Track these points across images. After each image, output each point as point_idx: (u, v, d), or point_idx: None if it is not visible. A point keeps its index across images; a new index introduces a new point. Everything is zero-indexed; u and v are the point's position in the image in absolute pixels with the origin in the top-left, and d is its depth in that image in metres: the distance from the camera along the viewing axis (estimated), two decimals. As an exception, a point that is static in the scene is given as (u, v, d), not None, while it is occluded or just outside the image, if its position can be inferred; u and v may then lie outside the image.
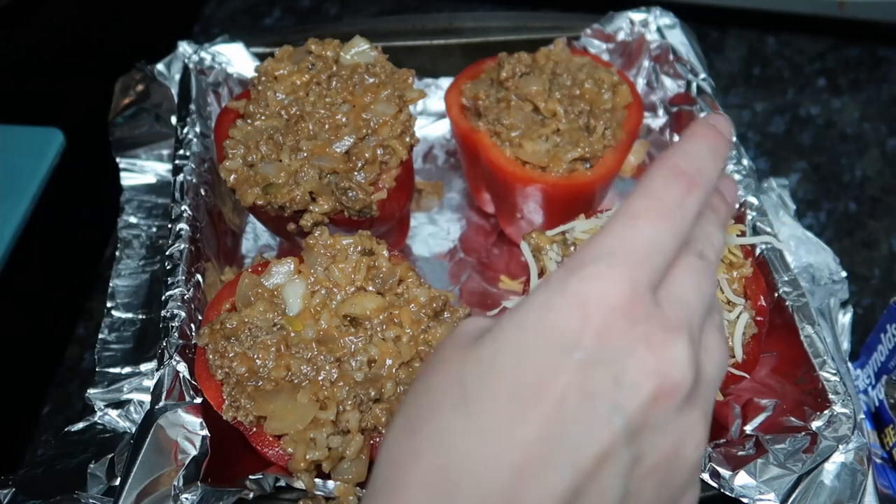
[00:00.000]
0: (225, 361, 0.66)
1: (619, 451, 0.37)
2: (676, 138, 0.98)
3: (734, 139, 0.90)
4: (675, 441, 0.39)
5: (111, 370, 0.80)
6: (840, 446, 0.65)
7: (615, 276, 0.38)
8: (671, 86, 0.99)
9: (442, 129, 1.07)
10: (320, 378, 0.65)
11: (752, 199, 0.84)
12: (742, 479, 0.64)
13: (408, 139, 0.81)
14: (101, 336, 0.83)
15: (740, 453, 0.66)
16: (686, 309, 0.40)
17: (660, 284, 0.41)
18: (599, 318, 0.37)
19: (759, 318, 0.71)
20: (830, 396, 0.68)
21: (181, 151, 0.88)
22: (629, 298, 0.38)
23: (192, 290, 0.76)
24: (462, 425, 0.36)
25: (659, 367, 0.38)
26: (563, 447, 0.36)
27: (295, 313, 0.69)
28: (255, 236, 0.98)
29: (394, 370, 0.67)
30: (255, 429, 0.65)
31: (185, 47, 1.00)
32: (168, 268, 0.77)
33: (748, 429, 0.72)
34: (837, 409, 0.67)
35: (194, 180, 0.85)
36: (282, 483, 0.65)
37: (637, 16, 1.02)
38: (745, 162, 0.89)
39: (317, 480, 0.64)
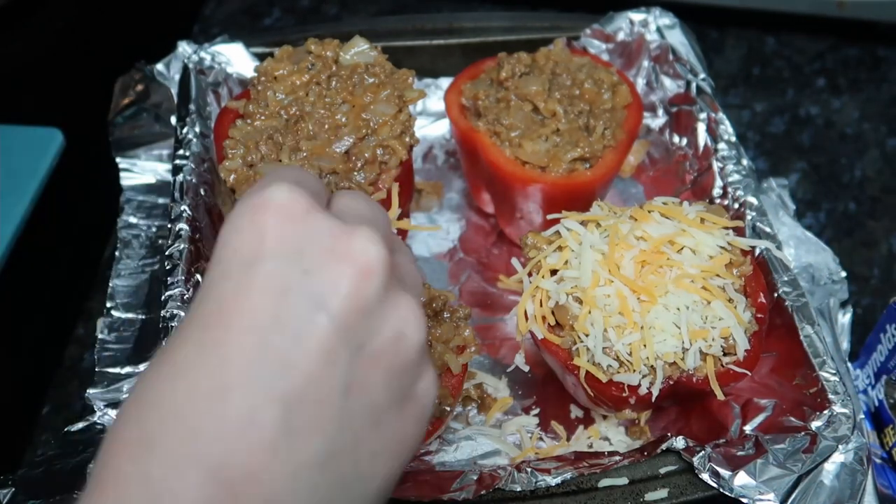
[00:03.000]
0: None
1: (332, 344, 0.37)
2: (676, 138, 0.98)
3: (734, 138, 0.90)
4: (393, 326, 0.40)
5: (111, 370, 0.79)
6: (840, 446, 0.65)
7: (285, 193, 0.40)
8: (671, 86, 0.99)
9: (442, 129, 1.07)
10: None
11: (752, 199, 0.84)
12: (742, 479, 0.64)
13: (407, 139, 0.81)
14: (100, 336, 0.83)
15: (740, 453, 0.66)
16: (360, 215, 0.43)
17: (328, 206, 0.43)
18: (273, 226, 0.39)
19: (759, 316, 0.71)
20: (830, 396, 0.68)
21: (181, 151, 0.88)
22: (301, 207, 0.39)
23: (191, 290, 0.76)
24: (166, 373, 0.38)
25: (348, 254, 0.39)
26: (273, 360, 0.37)
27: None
28: (255, 236, 0.98)
29: None
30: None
31: (184, 47, 1.00)
32: (168, 268, 0.77)
33: (748, 429, 0.72)
34: (837, 409, 0.67)
35: (194, 180, 0.85)
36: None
37: (637, 16, 1.02)
38: (745, 162, 0.89)
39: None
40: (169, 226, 0.81)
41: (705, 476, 0.65)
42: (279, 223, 0.39)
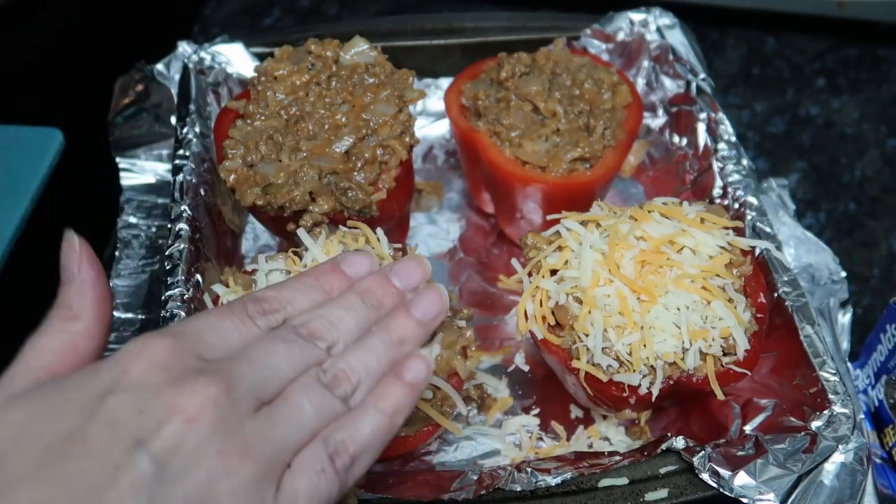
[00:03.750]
0: None
1: (141, 482, 0.41)
2: (676, 138, 0.98)
3: (734, 138, 0.90)
4: (207, 476, 0.42)
5: (111, 370, 0.79)
6: (840, 446, 0.65)
7: (159, 341, 0.45)
8: (671, 86, 0.99)
9: (442, 129, 1.07)
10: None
11: (752, 200, 0.84)
12: (742, 479, 0.64)
13: (407, 139, 0.81)
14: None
15: (740, 453, 0.66)
16: (221, 365, 0.46)
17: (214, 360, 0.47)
18: (137, 369, 0.44)
19: (759, 316, 0.71)
20: (830, 396, 0.68)
21: (181, 151, 0.88)
22: (169, 356, 0.45)
23: (191, 290, 0.76)
24: None
25: (179, 400, 0.43)
26: (84, 486, 0.40)
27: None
28: (255, 236, 0.98)
29: None
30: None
31: (184, 47, 1.00)
32: (168, 268, 0.77)
33: (748, 429, 0.72)
34: (837, 409, 0.67)
35: (194, 180, 0.85)
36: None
37: (637, 16, 1.02)
38: (745, 162, 0.89)
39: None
40: (169, 226, 0.81)
41: (705, 476, 0.65)
42: (143, 369, 0.44)
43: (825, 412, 0.67)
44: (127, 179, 0.99)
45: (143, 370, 0.44)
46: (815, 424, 0.67)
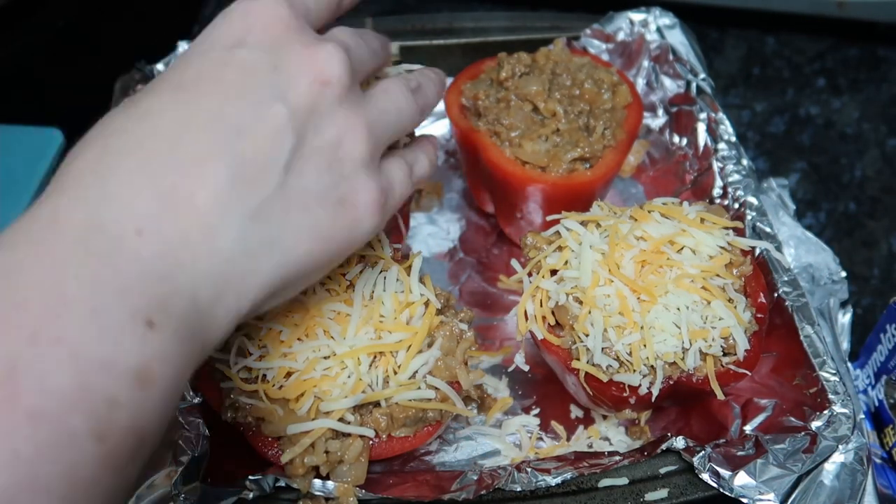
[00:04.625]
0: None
1: (283, 127, 0.45)
2: (676, 138, 0.98)
3: (734, 138, 0.90)
4: (337, 133, 0.48)
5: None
6: (840, 446, 0.65)
7: (277, 3, 0.48)
8: (671, 86, 0.99)
9: (442, 129, 1.07)
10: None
11: (752, 199, 0.84)
12: (742, 479, 0.64)
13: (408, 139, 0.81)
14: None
15: (740, 453, 0.66)
16: (341, 40, 0.51)
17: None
18: (260, 24, 0.47)
19: (759, 316, 0.71)
20: (830, 396, 0.68)
21: (181, 151, 0.87)
22: (288, 15, 0.48)
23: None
24: (132, 126, 0.44)
25: (313, 61, 0.47)
26: (232, 125, 0.44)
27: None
28: (255, 236, 0.98)
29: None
30: (254, 429, 0.65)
31: (184, 47, 0.99)
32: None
33: (748, 429, 0.72)
34: (837, 409, 0.67)
35: (194, 180, 0.85)
36: (281, 483, 0.65)
37: (637, 16, 1.02)
38: (745, 162, 0.89)
39: (316, 481, 0.64)
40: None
41: (705, 476, 0.65)
42: (265, 24, 0.47)
43: (825, 412, 0.67)
44: (127, 179, 0.99)
45: (267, 25, 0.48)
46: (815, 424, 0.67)
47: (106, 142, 0.43)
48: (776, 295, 0.76)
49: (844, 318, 0.86)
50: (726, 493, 0.64)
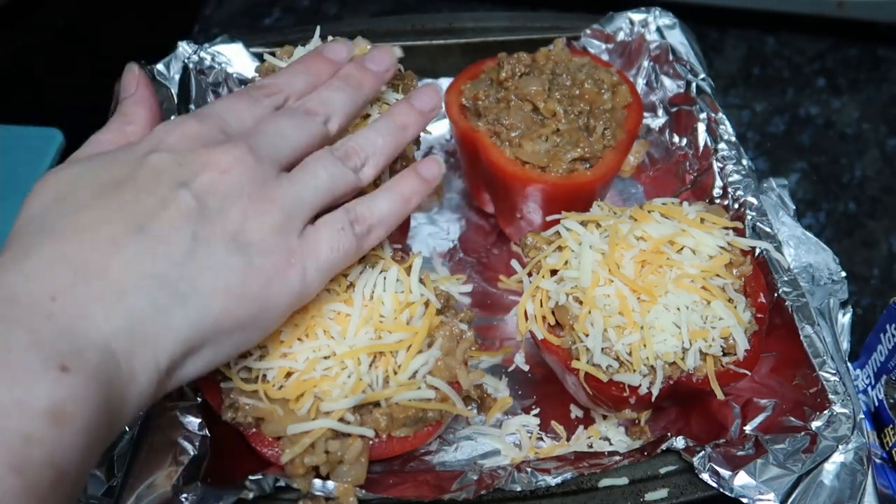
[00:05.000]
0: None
1: (188, 206, 0.51)
2: (676, 138, 0.98)
3: (734, 138, 0.90)
4: (242, 209, 0.53)
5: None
6: (840, 446, 0.65)
7: (187, 120, 0.57)
8: (671, 86, 0.99)
9: (442, 129, 1.07)
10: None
11: (752, 199, 0.84)
12: (742, 479, 0.64)
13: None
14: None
15: (740, 453, 0.66)
16: (241, 136, 0.57)
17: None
18: (173, 138, 0.55)
19: (759, 316, 0.71)
20: (830, 396, 0.68)
21: (181, 151, 0.87)
22: (198, 129, 0.56)
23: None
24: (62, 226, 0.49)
25: (213, 157, 0.54)
26: (144, 209, 0.50)
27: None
28: (255, 236, 0.98)
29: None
30: (254, 429, 0.65)
31: (184, 47, 0.99)
32: None
33: (748, 429, 0.72)
34: (837, 409, 0.67)
35: (194, 180, 0.85)
36: (281, 483, 0.65)
37: (637, 16, 1.02)
38: (745, 162, 0.89)
39: (316, 481, 0.64)
40: (169, 226, 0.81)
41: (705, 476, 0.65)
42: (180, 136, 0.55)
43: (825, 412, 0.68)
44: (127, 179, 0.99)
45: (178, 138, 0.55)
46: (815, 424, 0.67)
47: (29, 229, 0.50)
48: (776, 295, 0.76)
49: (844, 318, 0.86)
50: (726, 493, 0.64)
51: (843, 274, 0.88)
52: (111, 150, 0.56)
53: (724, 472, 0.65)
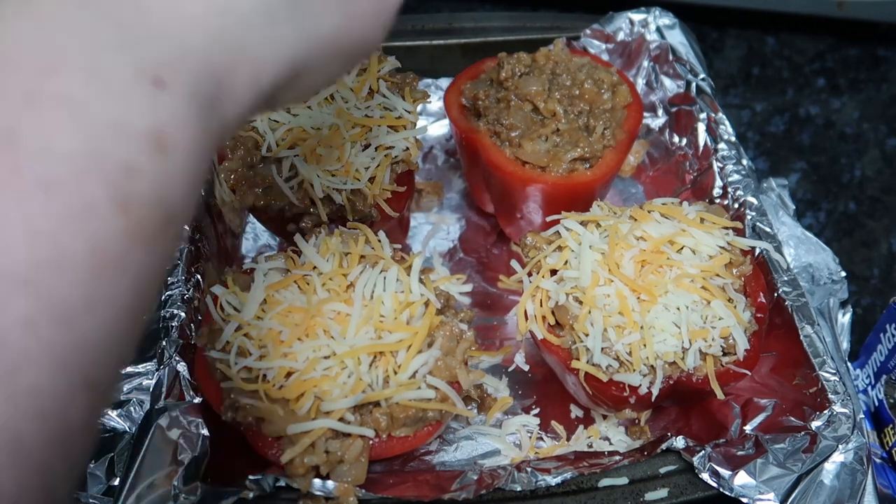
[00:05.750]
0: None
1: None
2: (676, 138, 0.98)
3: (734, 138, 0.90)
4: None
5: (111, 370, 0.79)
6: (840, 446, 0.65)
7: None
8: (671, 86, 0.99)
9: (442, 129, 1.07)
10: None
11: (752, 199, 0.84)
12: (742, 478, 0.64)
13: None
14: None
15: (740, 453, 0.66)
16: None
17: None
18: None
19: (759, 315, 0.71)
20: (830, 396, 0.68)
21: (181, 151, 0.87)
22: None
23: (191, 290, 0.76)
24: None
25: None
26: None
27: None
28: (255, 236, 0.98)
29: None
30: (254, 429, 0.65)
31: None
32: (168, 268, 0.77)
33: (748, 429, 0.72)
34: (837, 408, 0.67)
35: (194, 180, 0.85)
36: (282, 483, 0.65)
37: (637, 16, 1.02)
38: (745, 162, 0.89)
39: (316, 481, 0.64)
40: (169, 226, 0.81)
41: (705, 476, 0.65)
42: None
43: (825, 412, 0.67)
44: (127, 179, 0.99)
45: None
46: (815, 424, 0.67)
47: None
48: (776, 295, 0.76)
49: (844, 318, 0.86)
50: (726, 492, 0.64)
51: (843, 274, 0.88)
52: None
53: (724, 472, 0.65)
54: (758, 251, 0.78)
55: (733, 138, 0.90)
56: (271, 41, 0.40)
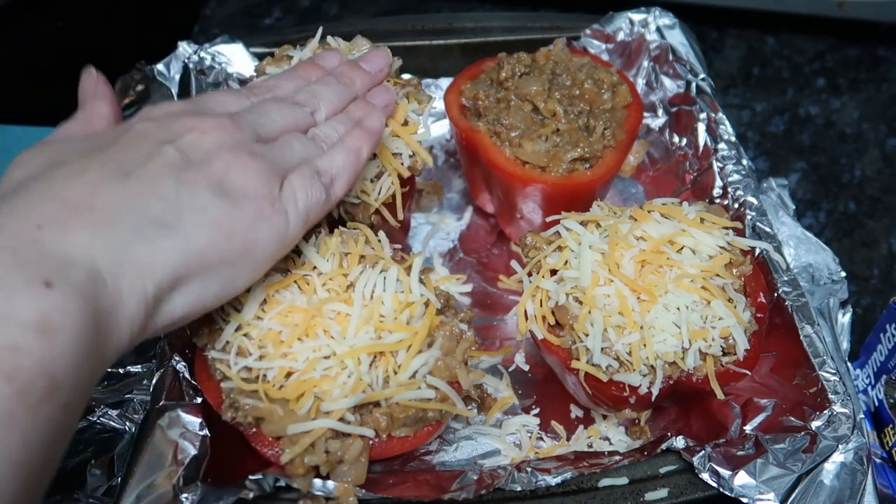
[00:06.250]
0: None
1: (172, 157, 0.54)
2: (676, 138, 0.98)
3: (734, 138, 0.90)
4: (224, 162, 0.56)
5: (111, 370, 0.80)
6: (840, 446, 0.65)
7: (174, 102, 0.61)
8: (671, 86, 0.99)
9: (442, 129, 1.07)
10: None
11: (752, 199, 0.84)
12: (742, 478, 0.64)
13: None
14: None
15: (740, 453, 0.66)
16: (231, 115, 0.60)
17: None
18: (157, 112, 0.58)
19: (759, 315, 0.71)
20: (830, 396, 0.68)
21: (181, 151, 0.87)
22: (183, 107, 0.60)
23: (191, 290, 0.76)
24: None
25: (195, 121, 0.57)
26: (131, 160, 0.53)
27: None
28: (255, 236, 0.98)
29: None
30: (254, 429, 0.65)
31: (184, 47, 1.00)
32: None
33: (748, 429, 0.72)
34: (837, 408, 0.67)
35: (194, 180, 0.85)
36: (282, 483, 0.65)
37: (637, 16, 1.02)
38: (745, 162, 0.89)
39: (316, 481, 0.64)
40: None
41: (705, 476, 0.65)
42: (166, 113, 0.58)
43: (825, 412, 0.68)
44: (127, 179, 0.99)
45: (162, 113, 0.58)
46: (815, 424, 0.67)
47: (16, 182, 0.52)
48: (776, 295, 0.76)
49: (844, 318, 0.86)
50: (726, 492, 0.64)
51: (843, 274, 0.88)
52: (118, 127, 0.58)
53: (724, 472, 0.65)
54: (758, 251, 0.78)
55: (733, 138, 0.91)
56: (151, 254, 0.50)
